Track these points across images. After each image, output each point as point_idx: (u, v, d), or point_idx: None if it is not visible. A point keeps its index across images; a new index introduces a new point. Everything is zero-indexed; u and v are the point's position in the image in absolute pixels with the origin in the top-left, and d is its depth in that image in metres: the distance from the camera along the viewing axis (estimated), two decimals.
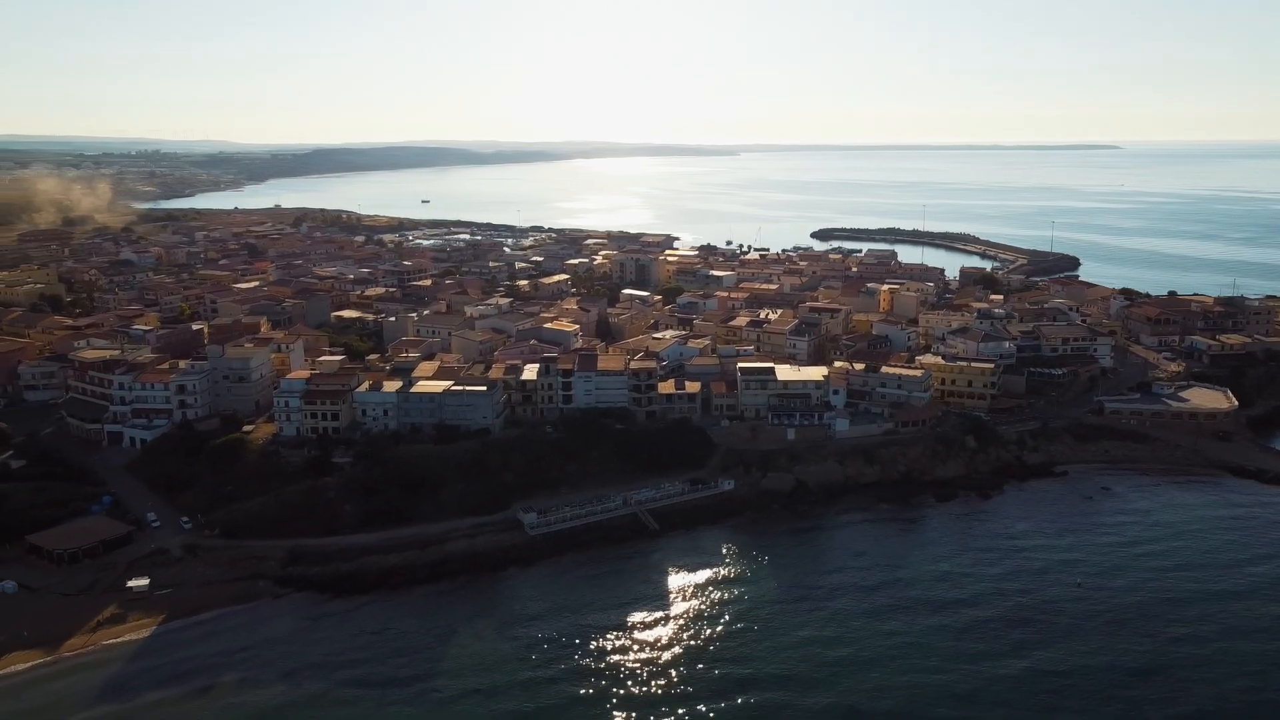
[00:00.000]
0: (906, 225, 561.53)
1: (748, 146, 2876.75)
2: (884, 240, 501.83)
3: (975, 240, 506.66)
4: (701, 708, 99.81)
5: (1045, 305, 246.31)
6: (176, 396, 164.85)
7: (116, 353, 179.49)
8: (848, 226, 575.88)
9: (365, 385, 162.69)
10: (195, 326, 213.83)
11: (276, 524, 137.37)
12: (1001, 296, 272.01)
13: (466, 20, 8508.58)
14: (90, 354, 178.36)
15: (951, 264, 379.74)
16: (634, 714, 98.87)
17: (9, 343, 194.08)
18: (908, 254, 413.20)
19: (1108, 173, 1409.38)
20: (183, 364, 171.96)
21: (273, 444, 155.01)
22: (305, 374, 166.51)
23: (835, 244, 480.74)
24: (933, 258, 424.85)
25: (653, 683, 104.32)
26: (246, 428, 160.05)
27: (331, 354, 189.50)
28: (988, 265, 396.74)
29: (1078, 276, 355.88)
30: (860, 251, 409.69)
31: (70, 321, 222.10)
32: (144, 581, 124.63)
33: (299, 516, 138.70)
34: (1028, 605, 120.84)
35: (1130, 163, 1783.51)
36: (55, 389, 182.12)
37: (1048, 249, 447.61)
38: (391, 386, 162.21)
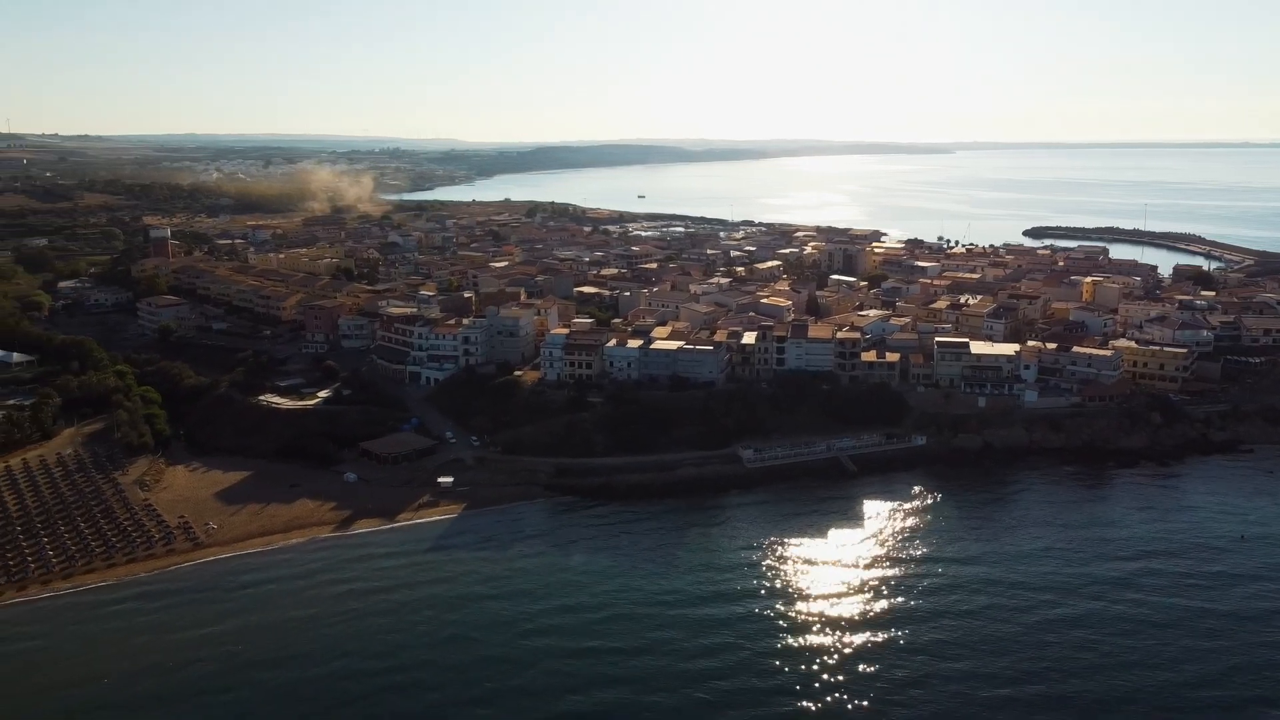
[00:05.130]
0: (1126, 224, 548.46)
1: (964, 144, 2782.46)
2: (1100, 239, 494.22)
3: (1200, 240, 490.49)
4: (890, 617, 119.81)
5: (1254, 299, 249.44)
6: (462, 346, 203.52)
7: (414, 310, 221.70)
8: (1062, 225, 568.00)
9: (613, 342, 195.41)
10: (465, 294, 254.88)
11: (544, 446, 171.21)
12: (1214, 293, 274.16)
13: (679, 20, 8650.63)
14: (394, 311, 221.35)
15: (1170, 263, 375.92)
16: (833, 614, 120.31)
17: (330, 301, 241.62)
18: (1125, 253, 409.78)
19: None
20: (465, 321, 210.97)
21: (539, 386, 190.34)
22: (564, 331, 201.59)
23: (1048, 242, 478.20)
24: (1152, 257, 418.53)
25: (849, 594, 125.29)
26: (516, 373, 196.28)
27: (580, 319, 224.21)
28: (1209, 265, 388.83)
29: None
30: (1072, 248, 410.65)
31: (370, 287, 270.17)
32: (449, 479, 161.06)
33: (561, 441, 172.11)
34: (1188, 552, 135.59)
35: None
36: (364, 338, 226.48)
37: None
38: (634, 344, 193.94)
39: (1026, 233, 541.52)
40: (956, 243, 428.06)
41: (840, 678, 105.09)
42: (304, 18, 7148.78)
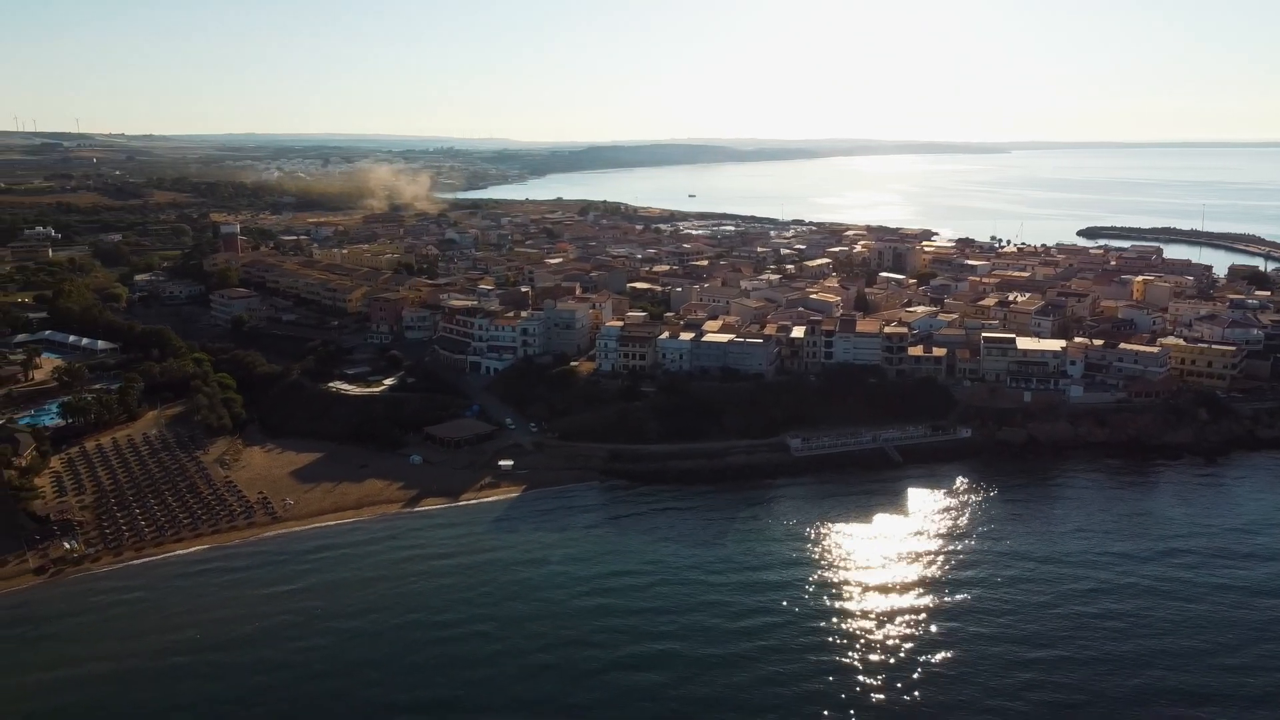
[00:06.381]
0: (1184, 225, 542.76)
1: (1020, 144, 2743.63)
2: (1156, 240, 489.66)
3: (1259, 241, 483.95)
4: (925, 586, 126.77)
5: None
6: (521, 337, 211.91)
7: (474, 303, 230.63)
8: (1118, 225, 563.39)
9: (665, 334, 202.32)
10: (522, 289, 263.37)
11: (599, 432, 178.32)
12: (1268, 293, 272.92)
13: (731, 20, 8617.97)
14: (455, 304, 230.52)
15: (1228, 264, 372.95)
16: (871, 583, 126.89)
17: (394, 294, 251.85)
18: (1182, 253, 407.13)
19: None
20: (523, 314, 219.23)
21: (594, 375, 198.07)
22: (619, 323, 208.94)
23: (1102, 242, 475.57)
24: (1209, 257, 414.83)
25: (888, 567, 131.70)
26: (573, 363, 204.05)
27: (633, 312, 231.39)
28: (1267, 265, 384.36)
29: None
30: (1125, 248, 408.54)
31: (430, 281, 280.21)
32: (509, 462, 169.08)
33: (615, 429, 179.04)
34: (1222, 535, 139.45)
35: None
36: (427, 330, 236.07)
37: None
38: (685, 337, 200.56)
39: (1081, 233, 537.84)
40: (1008, 242, 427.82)
41: (875, 638, 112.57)
42: (356, 19, 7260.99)
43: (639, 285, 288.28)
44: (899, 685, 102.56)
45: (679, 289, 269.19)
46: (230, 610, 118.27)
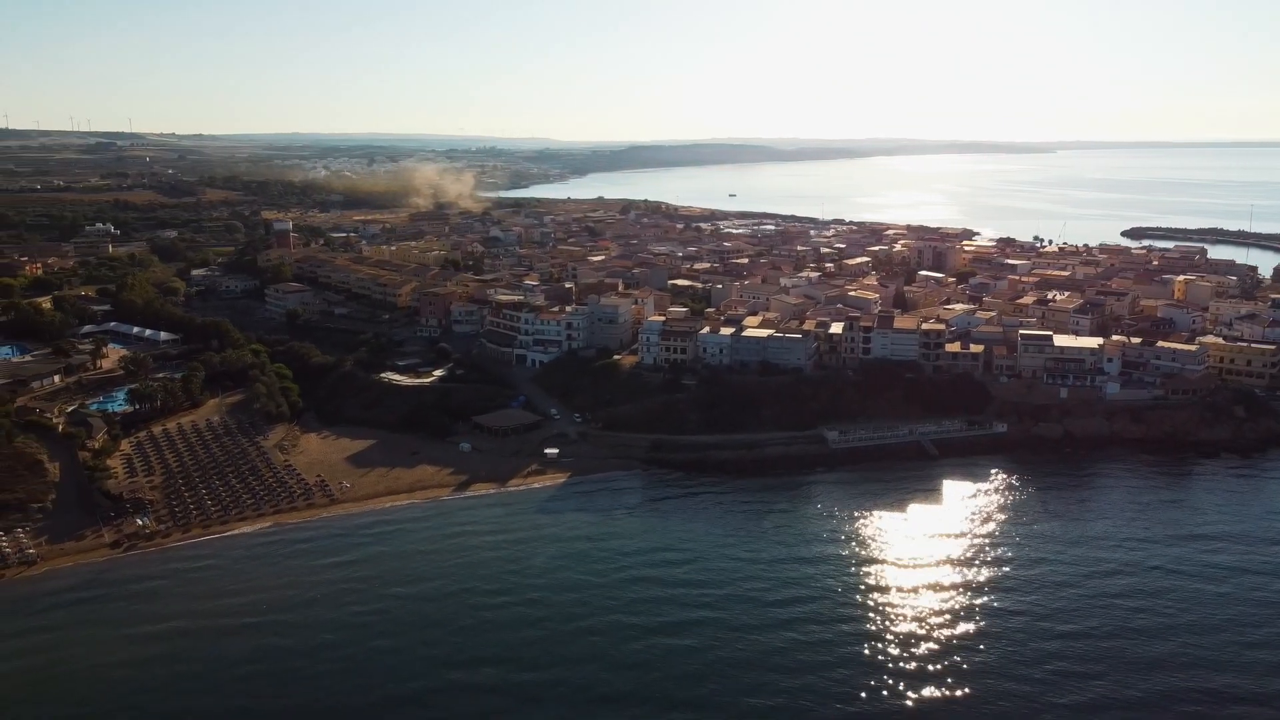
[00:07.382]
0: (1231, 226, 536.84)
1: (1066, 143, 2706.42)
2: (1202, 240, 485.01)
3: None
4: (954, 567, 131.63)
5: None
6: (565, 331, 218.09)
7: (521, 298, 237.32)
8: (1163, 226, 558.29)
9: (706, 329, 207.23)
10: (566, 285, 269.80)
11: (641, 423, 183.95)
12: None
13: (770, 18, 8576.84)
14: (502, 298, 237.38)
15: (1274, 264, 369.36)
16: (903, 562, 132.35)
17: (442, 289, 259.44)
18: (1228, 254, 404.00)
19: None
20: (568, 309, 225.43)
21: (636, 368, 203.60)
22: (660, 318, 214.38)
23: (1147, 243, 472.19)
24: (1256, 258, 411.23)
25: (920, 548, 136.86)
26: (616, 357, 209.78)
27: (675, 308, 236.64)
28: None
29: None
30: (1169, 248, 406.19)
31: (477, 277, 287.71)
32: (554, 451, 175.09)
33: (657, 419, 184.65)
34: (1249, 524, 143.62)
35: None
36: (474, 323, 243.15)
37: None
38: (726, 331, 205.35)
39: (1125, 233, 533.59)
40: (1050, 242, 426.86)
41: (904, 611, 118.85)
42: (398, 20, 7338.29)
43: (680, 282, 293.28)
44: (926, 653, 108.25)
45: (719, 286, 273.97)
46: (295, 578, 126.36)
